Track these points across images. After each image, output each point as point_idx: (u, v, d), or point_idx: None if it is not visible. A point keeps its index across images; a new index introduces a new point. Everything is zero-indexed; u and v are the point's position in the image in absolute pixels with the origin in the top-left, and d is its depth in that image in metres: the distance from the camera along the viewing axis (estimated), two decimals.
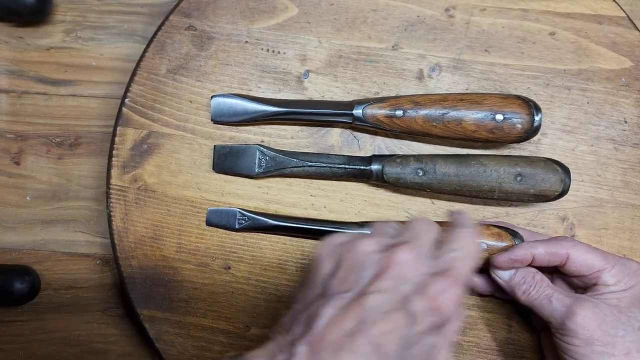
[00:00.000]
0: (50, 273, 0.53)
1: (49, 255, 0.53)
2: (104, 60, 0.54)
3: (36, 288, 0.51)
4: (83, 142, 0.53)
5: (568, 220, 0.49)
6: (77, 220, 0.53)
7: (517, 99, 0.45)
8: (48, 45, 0.54)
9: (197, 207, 0.49)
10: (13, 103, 0.53)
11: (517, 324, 0.48)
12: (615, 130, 0.49)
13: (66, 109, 0.54)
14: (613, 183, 0.49)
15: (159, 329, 0.48)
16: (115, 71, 0.54)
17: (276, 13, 0.50)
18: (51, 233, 0.53)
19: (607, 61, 0.49)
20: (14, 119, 0.53)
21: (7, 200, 0.53)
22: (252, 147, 0.48)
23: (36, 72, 0.54)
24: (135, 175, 0.49)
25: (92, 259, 0.53)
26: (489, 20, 0.49)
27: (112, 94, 0.54)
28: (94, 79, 0.54)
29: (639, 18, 0.51)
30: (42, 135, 0.53)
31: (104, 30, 0.54)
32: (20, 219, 0.53)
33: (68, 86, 0.54)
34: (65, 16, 0.54)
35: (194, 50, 0.50)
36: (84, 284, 0.53)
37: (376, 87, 0.49)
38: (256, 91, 0.49)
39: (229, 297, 0.49)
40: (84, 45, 0.54)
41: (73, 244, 0.53)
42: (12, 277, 0.50)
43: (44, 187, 0.53)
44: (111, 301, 0.53)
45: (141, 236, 0.48)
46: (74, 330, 0.53)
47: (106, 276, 0.53)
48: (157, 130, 0.49)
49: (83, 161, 0.54)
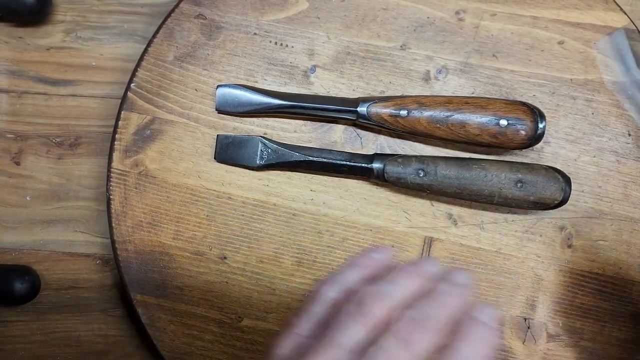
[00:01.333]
0: (50, 273, 0.53)
1: (49, 255, 0.53)
2: (104, 60, 0.54)
3: (36, 288, 0.51)
4: (83, 142, 0.53)
5: (566, 230, 0.48)
6: (77, 220, 0.53)
7: (522, 105, 0.45)
8: (48, 45, 0.54)
9: (196, 195, 0.49)
10: (13, 103, 0.53)
11: (509, 331, 0.48)
12: (619, 142, 0.49)
13: (66, 109, 0.53)
14: (613, 195, 0.49)
15: (152, 314, 0.48)
16: (115, 71, 0.54)
17: (286, 6, 0.50)
18: (51, 233, 0.53)
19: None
20: (14, 119, 0.53)
21: (7, 200, 0.53)
22: (254, 138, 0.48)
23: (36, 72, 0.54)
24: (137, 160, 0.49)
25: (92, 259, 0.53)
26: (498, 25, 0.49)
27: (112, 94, 0.54)
28: (94, 79, 0.54)
29: (639, 18, 0.51)
30: (42, 135, 0.53)
31: (104, 30, 0.54)
32: (20, 219, 0.53)
33: (68, 86, 0.54)
34: (65, 16, 0.54)
35: (202, 38, 0.50)
36: (84, 284, 0.53)
37: (382, 86, 0.49)
38: (262, 83, 0.50)
39: (223, 287, 0.49)
40: (84, 45, 0.54)
41: (73, 244, 0.53)
42: (12, 277, 0.50)
43: (44, 187, 0.53)
44: (111, 301, 0.53)
45: (139, 221, 0.49)
46: (74, 330, 0.53)
47: (106, 276, 0.53)
48: (161, 117, 0.49)
49: (83, 161, 0.53)
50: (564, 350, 0.48)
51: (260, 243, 0.49)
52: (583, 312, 0.48)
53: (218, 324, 0.49)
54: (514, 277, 0.48)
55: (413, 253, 0.48)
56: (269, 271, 0.49)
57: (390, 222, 0.49)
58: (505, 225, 0.49)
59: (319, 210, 0.49)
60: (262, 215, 0.49)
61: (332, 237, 0.49)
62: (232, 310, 0.49)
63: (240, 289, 0.49)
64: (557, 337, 0.48)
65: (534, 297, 0.48)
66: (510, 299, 0.48)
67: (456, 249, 0.48)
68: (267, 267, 0.49)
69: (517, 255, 0.48)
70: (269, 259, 0.49)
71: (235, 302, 0.49)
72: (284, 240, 0.49)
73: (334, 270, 0.49)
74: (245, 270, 0.49)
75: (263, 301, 0.49)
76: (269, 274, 0.49)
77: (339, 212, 0.49)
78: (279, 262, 0.49)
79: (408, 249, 0.48)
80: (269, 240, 0.49)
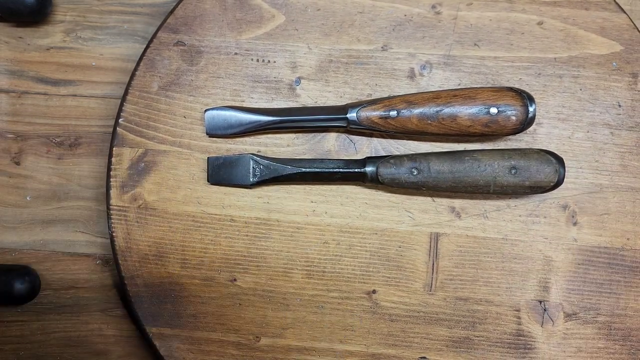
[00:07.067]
0: (50, 273, 0.53)
1: (49, 255, 0.53)
2: (104, 60, 0.54)
3: (36, 288, 0.52)
4: (83, 142, 0.54)
5: (569, 208, 0.49)
6: (77, 220, 0.54)
7: (510, 91, 0.45)
8: (48, 45, 0.54)
9: (198, 221, 0.49)
10: (13, 103, 0.53)
11: (526, 316, 0.48)
12: (610, 114, 0.49)
13: (66, 109, 0.54)
14: (611, 168, 0.49)
15: (169, 345, 0.48)
16: (115, 71, 0.54)
17: (263, 22, 0.50)
18: (51, 233, 0.53)
19: (596, 46, 0.49)
20: (14, 119, 0.53)
21: (7, 200, 0.53)
22: (245, 156, 0.48)
23: (36, 72, 0.54)
24: (135, 194, 0.49)
25: (92, 259, 0.53)
26: (475, 14, 0.50)
27: (112, 94, 0.54)
28: (94, 79, 0.54)
29: (638, 18, 0.51)
30: (42, 135, 0.53)
31: (104, 30, 0.54)
32: (20, 219, 0.53)
33: (68, 86, 0.54)
34: (65, 16, 0.54)
35: (184, 65, 0.50)
36: (84, 284, 0.53)
37: (369, 89, 0.49)
38: (249, 102, 0.50)
39: (237, 309, 0.49)
40: (84, 45, 0.54)
41: (73, 244, 0.54)
42: (12, 277, 0.50)
43: (44, 187, 0.53)
44: (111, 301, 0.53)
45: (144, 255, 0.49)
46: (74, 330, 0.53)
47: (106, 276, 0.53)
48: (153, 148, 0.49)
49: (83, 161, 0.54)
50: (582, 327, 0.48)
51: (268, 261, 0.49)
52: (597, 287, 0.48)
53: (236, 346, 0.48)
54: (524, 262, 0.48)
55: (421, 251, 0.48)
56: (280, 287, 0.49)
57: (394, 223, 0.49)
58: (508, 212, 0.49)
59: (322, 220, 0.49)
60: (266, 233, 0.49)
61: (339, 246, 0.49)
62: (248, 331, 0.49)
63: (254, 308, 0.49)
64: (574, 316, 0.48)
65: (546, 279, 0.48)
66: (523, 284, 0.48)
67: (463, 242, 0.48)
68: (277, 283, 0.49)
69: (524, 239, 0.48)
70: (279, 275, 0.49)
71: (250, 323, 0.49)
72: (291, 255, 0.49)
73: (345, 278, 0.49)
74: (257, 290, 0.49)
75: (278, 318, 0.49)
76: (280, 290, 0.49)
77: (342, 220, 0.49)
78: (289, 277, 0.49)
79: (415, 247, 0.48)
80: (277, 257, 0.49)
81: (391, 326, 0.49)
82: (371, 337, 0.49)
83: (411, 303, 0.48)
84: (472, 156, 0.45)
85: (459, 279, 0.48)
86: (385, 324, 0.49)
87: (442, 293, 0.48)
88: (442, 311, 0.48)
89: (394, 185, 0.46)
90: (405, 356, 0.48)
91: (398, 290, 0.48)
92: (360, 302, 0.49)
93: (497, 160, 0.45)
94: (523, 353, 0.48)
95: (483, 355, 0.48)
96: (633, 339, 0.48)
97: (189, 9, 0.50)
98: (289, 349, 0.49)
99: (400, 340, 0.48)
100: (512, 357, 0.48)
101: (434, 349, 0.48)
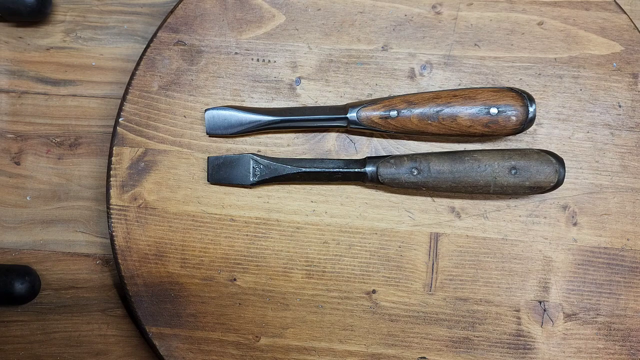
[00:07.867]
0: (50, 273, 0.53)
1: (49, 255, 0.53)
2: (104, 60, 0.54)
3: (36, 288, 0.52)
4: (83, 142, 0.54)
5: (569, 208, 0.49)
6: (77, 220, 0.54)
7: (510, 91, 0.45)
8: (48, 45, 0.54)
9: (198, 221, 0.49)
10: (13, 103, 0.53)
11: (526, 316, 0.48)
12: (610, 115, 0.49)
13: (66, 109, 0.54)
14: (611, 168, 0.49)
15: (169, 345, 0.48)
16: (115, 71, 0.54)
17: (264, 22, 0.50)
18: (51, 233, 0.53)
19: (597, 47, 0.49)
20: (14, 119, 0.54)
21: (7, 200, 0.53)
22: (245, 156, 0.48)
23: (36, 72, 0.54)
24: (135, 193, 0.49)
25: (92, 259, 0.54)
26: (476, 14, 0.49)
27: (112, 94, 0.54)
28: (94, 79, 0.54)
29: (638, 18, 0.51)
30: (42, 135, 0.54)
31: (104, 30, 0.54)
32: (20, 219, 0.53)
33: (68, 86, 0.54)
34: (65, 16, 0.54)
35: (184, 65, 0.50)
36: (84, 284, 0.53)
37: (369, 89, 0.49)
38: (249, 101, 0.49)
39: (237, 308, 0.49)
40: (84, 45, 0.54)
41: (73, 244, 0.54)
42: (12, 277, 0.50)
43: (44, 187, 0.53)
44: (111, 301, 0.53)
45: (144, 254, 0.49)
46: (74, 330, 0.53)
47: (106, 276, 0.53)
48: (153, 148, 0.49)
49: (83, 161, 0.54)
50: (582, 328, 0.48)
51: (268, 260, 0.49)
52: (597, 288, 0.48)
53: (236, 346, 0.48)
54: (523, 262, 0.48)
55: (420, 251, 0.48)
56: (280, 287, 0.49)
57: (394, 223, 0.49)
58: (508, 212, 0.49)
59: (322, 220, 0.49)
60: (266, 233, 0.49)
61: (339, 246, 0.49)
62: (248, 330, 0.49)
63: (253, 308, 0.49)
64: (574, 316, 0.48)
65: (546, 279, 0.48)
66: (523, 284, 0.48)
67: (463, 242, 0.48)
68: (277, 283, 0.49)
69: (524, 239, 0.48)
70: (279, 275, 0.49)
71: (250, 322, 0.49)
72: (291, 255, 0.49)
73: (344, 278, 0.49)
74: (257, 289, 0.49)
75: (278, 317, 0.49)
76: (280, 290, 0.49)
77: (342, 220, 0.49)
78: (288, 277, 0.49)
79: (415, 247, 0.48)
80: (276, 257, 0.49)
81: (391, 326, 0.49)
82: (371, 337, 0.49)
83: (411, 303, 0.48)
84: (472, 156, 0.45)
85: (459, 279, 0.48)
86: (385, 324, 0.49)
87: (441, 293, 0.48)
88: (442, 311, 0.48)
89: (394, 185, 0.46)
90: (405, 356, 0.48)
91: (398, 290, 0.48)
92: (360, 302, 0.49)
93: (497, 161, 0.45)
94: (523, 353, 0.48)
95: (483, 355, 0.48)
96: (633, 339, 0.48)
97: (189, 8, 0.50)
98: (289, 348, 0.49)
99: (400, 340, 0.48)
100: (512, 357, 0.48)
101: (434, 349, 0.48)
